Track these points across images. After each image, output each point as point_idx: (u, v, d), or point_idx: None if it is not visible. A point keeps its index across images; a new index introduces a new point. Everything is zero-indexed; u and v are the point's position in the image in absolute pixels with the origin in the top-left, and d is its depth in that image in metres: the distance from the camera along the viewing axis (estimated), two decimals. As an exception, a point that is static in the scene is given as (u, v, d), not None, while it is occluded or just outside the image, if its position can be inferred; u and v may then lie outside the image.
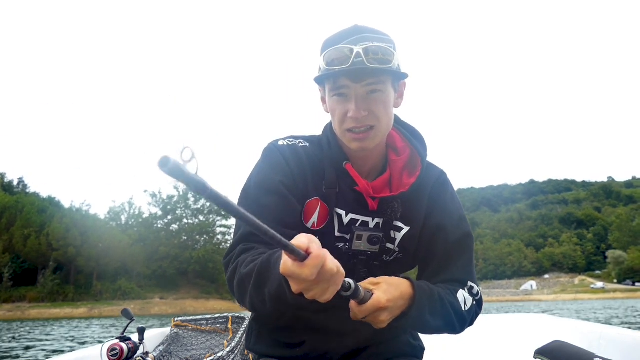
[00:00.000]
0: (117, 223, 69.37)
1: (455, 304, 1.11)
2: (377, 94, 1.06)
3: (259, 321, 1.26)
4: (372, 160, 1.17)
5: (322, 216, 1.15)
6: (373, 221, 1.16)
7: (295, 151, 1.17)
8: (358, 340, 1.18)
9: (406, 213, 1.17)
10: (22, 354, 12.56)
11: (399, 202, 1.16)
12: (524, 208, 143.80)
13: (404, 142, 1.20)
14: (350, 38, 1.05)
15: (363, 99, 1.06)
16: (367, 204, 1.14)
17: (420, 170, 1.16)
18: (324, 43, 1.09)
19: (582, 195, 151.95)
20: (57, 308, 52.39)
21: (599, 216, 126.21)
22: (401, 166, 1.17)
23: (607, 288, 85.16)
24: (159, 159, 0.52)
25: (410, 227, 1.18)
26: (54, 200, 69.58)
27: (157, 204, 72.40)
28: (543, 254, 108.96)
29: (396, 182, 1.17)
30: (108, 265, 58.80)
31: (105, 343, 1.58)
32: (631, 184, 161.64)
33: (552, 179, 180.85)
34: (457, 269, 1.17)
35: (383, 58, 1.03)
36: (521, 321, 2.73)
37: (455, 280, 1.16)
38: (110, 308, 52.55)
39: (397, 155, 1.18)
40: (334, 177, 1.15)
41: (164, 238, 68.19)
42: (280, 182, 1.13)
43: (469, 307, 1.14)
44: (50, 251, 56.16)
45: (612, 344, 1.95)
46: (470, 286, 1.17)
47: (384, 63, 1.03)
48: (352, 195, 1.15)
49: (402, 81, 1.12)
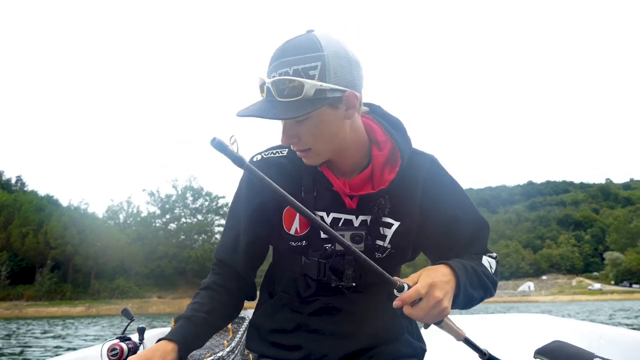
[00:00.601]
0: (115, 222, 69.38)
1: (485, 271, 1.13)
2: (304, 121, 1.04)
3: (256, 323, 1.27)
4: (352, 158, 1.15)
5: (303, 221, 1.15)
6: (357, 219, 1.14)
7: (266, 166, 1.18)
8: (357, 343, 1.17)
9: (395, 208, 1.15)
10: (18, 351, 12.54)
11: (386, 198, 1.14)
12: (522, 209, 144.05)
13: (386, 135, 1.17)
14: (274, 63, 1.02)
15: (291, 126, 1.05)
16: (345, 203, 1.14)
17: (399, 166, 1.13)
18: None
19: (580, 196, 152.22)
20: (55, 306, 52.36)
21: (596, 218, 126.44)
22: (382, 161, 1.15)
23: (605, 289, 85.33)
24: (210, 139, 0.84)
25: (400, 222, 1.16)
26: (52, 199, 69.55)
27: (156, 203, 72.45)
28: (541, 255, 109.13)
29: (377, 179, 1.14)
30: (106, 264, 58.76)
31: (105, 343, 1.58)
32: (629, 186, 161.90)
33: (550, 181, 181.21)
34: (477, 247, 1.19)
35: (294, 89, 0.99)
36: (521, 321, 2.72)
37: (476, 253, 1.18)
38: (107, 307, 52.53)
39: (380, 150, 1.16)
40: (310, 180, 1.15)
41: (162, 237, 68.19)
42: (245, 209, 1.20)
43: (494, 269, 1.16)
44: (48, 249, 56.14)
45: (612, 344, 1.96)
46: (489, 253, 1.19)
47: (293, 96, 0.98)
48: (330, 195, 1.14)
49: (348, 92, 1.03)
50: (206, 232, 72.45)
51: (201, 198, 74.06)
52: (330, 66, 1.01)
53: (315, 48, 1.01)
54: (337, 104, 1.05)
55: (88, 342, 14.42)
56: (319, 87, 1.00)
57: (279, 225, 1.17)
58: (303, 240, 1.16)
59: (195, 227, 71.85)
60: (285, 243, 1.18)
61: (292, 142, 1.08)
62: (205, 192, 74.37)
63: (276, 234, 1.19)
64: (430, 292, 0.96)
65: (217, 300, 1.18)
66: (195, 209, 73.42)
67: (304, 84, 0.98)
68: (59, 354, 2.85)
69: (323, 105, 1.01)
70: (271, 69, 1.02)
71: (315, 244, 1.15)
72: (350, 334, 1.16)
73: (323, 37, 1.02)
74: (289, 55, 1.01)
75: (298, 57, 1.00)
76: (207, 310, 1.15)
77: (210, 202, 73.99)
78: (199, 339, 1.14)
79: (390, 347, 1.19)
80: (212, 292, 1.19)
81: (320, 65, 1.00)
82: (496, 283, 1.17)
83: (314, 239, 1.15)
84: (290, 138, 1.07)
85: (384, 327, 1.05)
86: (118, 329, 6.29)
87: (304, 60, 1.00)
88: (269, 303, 1.24)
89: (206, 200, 74.17)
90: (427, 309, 0.96)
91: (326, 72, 1.00)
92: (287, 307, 1.21)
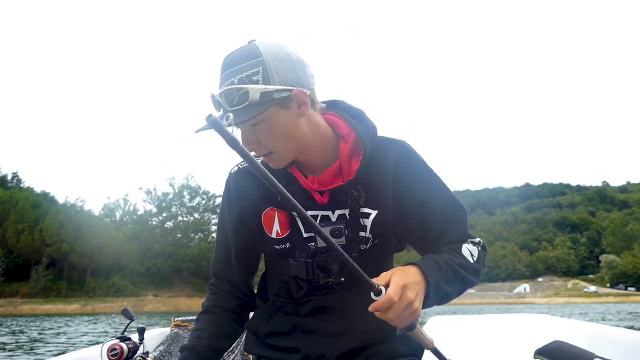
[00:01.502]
0: (112, 219, 69.24)
1: (463, 262, 1.11)
2: (258, 125, 1.07)
3: (253, 327, 1.27)
4: (318, 157, 1.16)
5: (283, 223, 1.17)
6: (334, 214, 1.15)
7: (242, 175, 1.24)
8: (353, 342, 1.17)
9: (370, 197, 1.15)
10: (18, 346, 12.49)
11: (359, 189, 1.14)
12: (519, 211, 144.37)
13: (348, 127, 1.17)
14: (221, 76, 1.07)
15: (249, 132, 1.09)
16: (315, 199, 1.15)
17: (362, 154, 1.13)
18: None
19: (576, 199, 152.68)
20: (50, 304, 52.23)
21: (593, 220, 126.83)
22: (347, 153, 1.15)
23: (600, 292, 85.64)
24: (206, 115, 0.79)
25: (378, 210, 1.15)
26: (48, 196, 69.39)
27: (152, 201, 72.29)
28: (537, 257, 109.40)
29: (345, 170, 1.15)
30: (102, 261, 58.64)
31: (105, 343, 1.57)
32: (625, 189, 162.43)
33: (547, 183, 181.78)
34: (454, 232, 1.17)
35: (239, 97, 1.02)
36: (521, 321, 2.73)
37: (454, 241, 1.16)
38: (103, 304, 52.43)
39: (345, 143, 1.16)
40: (283, 183, 1.16)
41: (158, 235, 68.06)
42: (229, 222, 1.25)
43: (476, 257, 1.14)
44: (44, 247, 55.94)
45: (612, 344, 1.96)
46: (471, 240, 1.16)
47: (241, 103, 1.02)
48: (302, 194, 1.15)
49: (295, 90, 1.06)
50: (203, 231, 72.35)
51: (198, 197, 73.94)
52: (272, 69, 1.04)
53: (255, 55, 1.05)
54: (286, 104, 1.07)
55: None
56: (263, 90, 1.02)
57: (260, 230, 1.19)
58: (286, 242, 1.17)
59: (191, 225, 71.70)
60: (270, 247, 1.19)
61: (253, 147, 1.10)
62: (203, 190, 74.29)
63: (260, 239, 1.21)
64: (403, 294, 0.95)
65: (218, 323, 1.23)
66: (192, 208, 73.30)
67: (248, 90, 1.02)
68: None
69: (271, 106, 1.04)
70: (220, 83, 1.07)
71: (299, 244, 1.15)
72: (345, 332, 1.16)
73: (262, 44, 1.06)
74: (232, 66, 1.05)
75: (240, 67, 1.04)
76: (209, 336, 1.20)
77: (207, 200, 73.84)
78: None
79: (388, 345, 1.18)
80: (212, 315, 1.24)
81: (262, 70, 1.04)
82: (479, 271, 1.15)
83: (296, 240, 1.16)
84: (250, 144, 1.09)
85: (378, 324, 1.01)
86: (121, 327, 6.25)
87: (245, 68, 1.04)
88: (263, 307, 1.25)
89: (203, 198, 74.03)
90: (399, 311, 0.95)
91: (269, 76, 1.04)
92: (282, 310, 1.21)
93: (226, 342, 1.25)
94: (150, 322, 20.35)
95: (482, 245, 1.19)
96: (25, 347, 12.85)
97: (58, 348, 12.12)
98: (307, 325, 1.18)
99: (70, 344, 13.37)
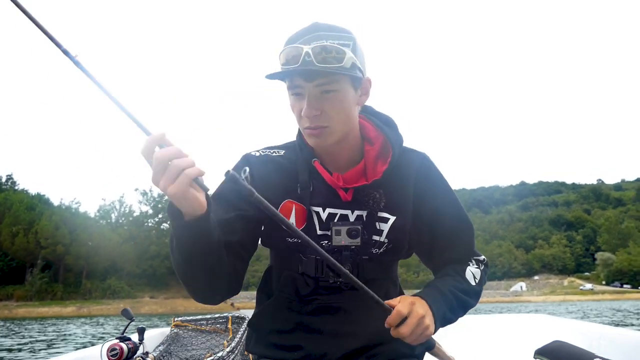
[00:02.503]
0: (107, 221, 68.83)
1: (466, 288, 1.16)
2: (331, 94, 1.05)
3: (255, 324, 1.25)
4: (346, 154, 1.17)
5: (299, 217, 1.14)
6: (353, 214, 1.14)
7: (264, 161, 1.19)
8: (356, 342, 1.17)
9: (390, 203, 1.16)
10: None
11: (381, 193, 1.15)
12: (515, 209, 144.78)
13: (377, 131, 1.19)
14: (306, 37, 1.03)
15: (316, 98, 1.06)
16: (340, 196, 1.14)
17: (391, 157, 1.15)
18: (285, 41, 1.08)
19: (572, 197, 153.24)
20: (45, 307, 51.87)
21: (588, 218, 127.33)
22: (374, 155, 1.16)
23: (596, 289, 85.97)
24: (225, 172, 0.89)
25: (396, 216, 1.16)
26: (43, 198, 68.96)
27: (148, 202, 71.89)
28: (533, 256, 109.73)
29: (370, 171, 1.16)
30: (97, 263, 58.32)
31: (105, 343, 1.57)
32: (620, 187, 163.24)
33: (542, 181, 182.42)
34: (461, 247, 1.23)
35: (335, 57, 1.01)
36: (521, 321, 2.73)
37: (461, 258, 1.22)
38: (99, 307, 52.16)
39: (371, 145, 1.18)
40: (306, 176, 1.15)
41: (154, 237, 67.72)
42: (231, 189, 1.12)
43: (479, 279, 1.20)
44: (39, 249, 55.61)
45: (613, 344, 1.96)
46: (476, 258, 1.23)
47: (334, 63, 1.01)
48: (325, 189, 1.14)
49: (366, 78, 1.10)
50: (199, 232, 71.90)
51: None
52: (357, 48, 1.06)
53: (347, 30, 1.06)
54: (357, 86, 1.09)
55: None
56: (354, 60, 1.04)
57: (276, 224, 1.14)
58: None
59: (188, 226, 71.28)
60: (282, 240, 1.17)
61: (314, 114, 1.07)
62: (199, 191, 73.79)
63: (272, 229, 1.18)
64: (413, 309, 1.01)
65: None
66: (188, 209, 72.87)
67: (345, 53, 1.01)
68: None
69: (349, 81, 1.06)
70: (303, 41, 1.03)
71: (313, 239, 1.11)
72: (349, 332, 1.16)
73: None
74: (324, 30, 1.04)
75: (334, 33, 1.03)
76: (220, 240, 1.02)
77: (203, 201, 73.40)
78: (212, 232, 0.97)
79: (391, 346, 1.18)
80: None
81: (353, 45, 1.04)
82: (479, 293, 1.20)
83: (309, 236, 1.10)
84: (314, 109, 1.06)
85: (382, 325, 1.03)
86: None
87: (338, 37, 1.03)
88: (267, 304, 1.23)
89: (199, 199, 73.60)
90: (412, 326, 1.00)
91: (357, 52, 1.05)
92: (286, 307, 1.19)
93: (219, 262, 1.03)
94: (147, 324, 20.25)
95: (485, 264, 1.24)
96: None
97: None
98: (311, 323, 1.17)
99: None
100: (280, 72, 1.05)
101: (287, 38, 1.08)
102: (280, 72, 1.06)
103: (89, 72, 0.81)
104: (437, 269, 1.27)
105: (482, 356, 2.38)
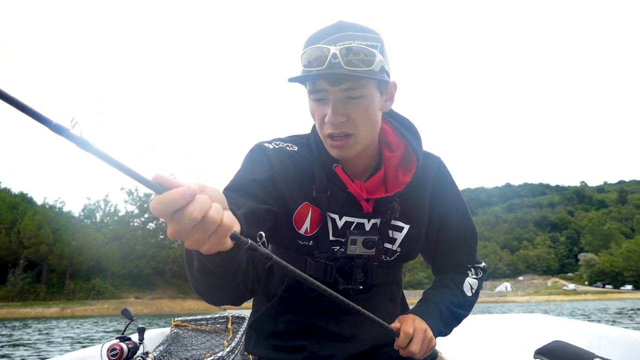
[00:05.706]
0: (92, 221, 68.06)
1: (462, 302, 1.20)
2: (357, 99, 0.98)
3: (256, 325, 1.22)
4: (364, 160, 1.11)
5: (314, 221, 1.09)
6: (369, 222, 1.10)
7: (281, 155, 1.10)
8: (361, 344, 1.17)
9: (406, 211, 1.12)
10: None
11: (398, 201, 1.11)
12: (500, 211, 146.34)
13: (397, 136, 1.13)
14: (331, 36, 0.95)
15: (341, 103, 0.98)
16: (362, 207, 1.09)
17: (415, 168, 1.10)
18: (306, 40, 1.00)
19: (556, 199, 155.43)
20: (28, 307, 50.96)
21: (571, 220, 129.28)
22: (395, 163, 1.11)
23: (579, 290, 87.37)
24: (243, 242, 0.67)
25: (410, 225, 1.14)
26: (25, 197, 67.64)
27: (134, 201, 71.09)
28: (518, 256, 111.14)
29: (391, 181, 1.10)
30: (81, 263, 57.56)
31: (105, 343, 1.55)
32: (602, 189, 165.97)
33: (527, 183, 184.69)
34: (463, 255, 1.25)
35: (363, 59, 0.94)
36: (521, 321, 2.74)
37: (462, 265, 1.25)
38: (83, 308, 51.45)
39: (391, 152, 1.12)
40: (324, 180, 1.09)
41: (140, 236, 67.01)
42: (254, 181, 1.03)
43: (475, 289, 1.24)
44: (21, 249, 54.60)
45: (613, 344, 1.97)
46: (476, 266, 1.27)
47: (362, 66, 0.94)
48: (345, 197, 1.09)
49: (392, 82, 1.03)
50: (186, 232, 71.38)
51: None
52: (386, 50, 0.99)
53: (375, 31, 0.98)
54: (382, 90, 1.02)
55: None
56: (383, 64, 0.97)
57: (289, 222, 1.10)
58: (311, 240, 1.11)
59: (174, 226, 70.70)
60: (293, 241, 1.13)
61: (340, 121, 0.99)
62: (185, 191, 73.25)
63: (285, 230, 1.11)
64: (415, 325, 1.07)
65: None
66: (174, 209, 72.31)
67: (375, 55, 0.94)
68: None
69: (384, 80, 0.99)
70: (329, 41, 0.95)
71: (322, 245, 1.10)
72: (354, 336, 1.15)
73: None
74: (350, 30, 0.96)
75: (360, 34, 0.96)
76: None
77: (190, 201, 72.91)
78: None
79: (393, 349, 1.17)
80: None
81: (380, 47, 0.97)
82: (474, 302, 1.24)
83: (321, 240, 1.10)
84: (340, 116, 0.98)
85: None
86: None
87: (366, 38, 0.95)
88: (269, 305, 1.20)
89: (186, 199, 73.09)
90: (419, 342, 1.05)
91: (384, 55, 0.98)
92: (290, 308, 1.17)
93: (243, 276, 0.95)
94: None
95: (484, 270, 1.28)
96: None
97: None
98: (317, 326, 1.16)
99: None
100: (304, 75, 0.97)
101: (308, 37, 1.00)
102: (303, 76, 0.97)
103: (97, 149, 0.62)
104: (437, 270, 1.30)
105: (482, 356, 2.38)
